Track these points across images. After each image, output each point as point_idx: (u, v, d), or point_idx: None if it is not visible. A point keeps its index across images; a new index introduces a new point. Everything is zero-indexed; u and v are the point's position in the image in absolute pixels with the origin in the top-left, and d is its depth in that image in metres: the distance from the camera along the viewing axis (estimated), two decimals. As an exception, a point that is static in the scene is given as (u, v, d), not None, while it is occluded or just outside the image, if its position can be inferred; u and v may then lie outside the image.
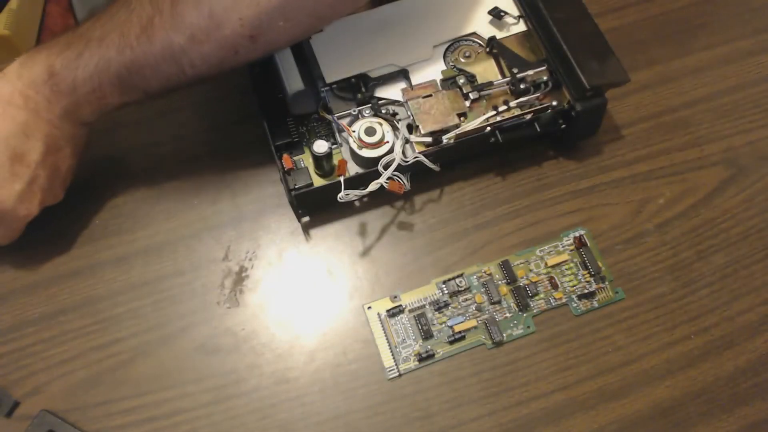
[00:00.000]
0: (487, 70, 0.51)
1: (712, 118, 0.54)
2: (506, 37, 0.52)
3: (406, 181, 0.47)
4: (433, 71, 0.51)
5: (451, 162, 0.50)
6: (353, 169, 0.49)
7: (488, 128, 0.48)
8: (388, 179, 0.45)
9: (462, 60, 0.51)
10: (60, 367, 0.45)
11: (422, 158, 0.47)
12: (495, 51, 0.51)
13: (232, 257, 0.49)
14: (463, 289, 0.47)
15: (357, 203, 0.51)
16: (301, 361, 0.46)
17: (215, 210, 0.50)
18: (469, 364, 0.45)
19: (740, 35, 0.57)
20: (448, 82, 0.50)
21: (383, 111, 0.49)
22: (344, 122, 0.49)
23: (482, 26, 0.52)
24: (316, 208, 0.49)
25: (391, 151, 0.47)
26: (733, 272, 0.48)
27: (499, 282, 0.48)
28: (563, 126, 0.49)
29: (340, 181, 0.45)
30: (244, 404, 0.44)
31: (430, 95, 0.49)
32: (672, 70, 0.56)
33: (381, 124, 0.48)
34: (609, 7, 0.58)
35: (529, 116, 0.48)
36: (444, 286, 0.47)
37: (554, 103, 0.49)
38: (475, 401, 0.44)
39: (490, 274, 0.48)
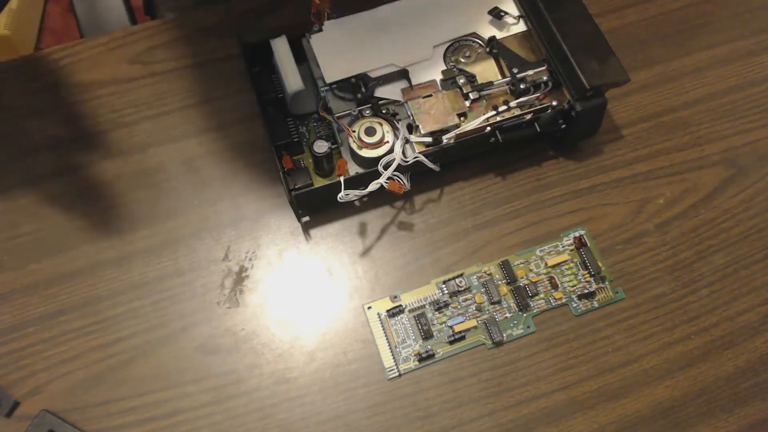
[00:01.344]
0: (487, 70, 0.51)
1: (712, 118, 0.54)
2: (506, 37, 0.51)
3: (406, 181, 0.47)
4: (433, 71, 0.50)
5: (451, 162, 0.50)
6: (353, 169, 0.49)
7: (488, 128, 0.48)
8: (388, 179, 0.45)
9: (462, 60, 0.51)
10: (60, 367, 0.45)
11: (422, 158, 0.47)
12: (495, 51, 0.51)
13: (232, 257, 0.49)
14: (463, 289, 0.47)
15: (357, 203, 0.51)
16: (301, 361, 0.46)
17: (215, 210, 0.50)
18: (469, 364, 0.45)
19: (740, 35, 0.57)
20: (448, 82, 0.50)
21: (383, 111, 0.49)
22: (344, 122, 0.49)
23: (482, 26, 0.52)
24: (316, 208, 0.49)
25: (391, 151, 0.47)
26: (733, 272, 0.48)
27: (499, 282, 0.48)
28: (563, 126, 0.49)
29: (340, 181, 0.45)
30: (244, 404, 0.44)
31: (430, 95, 0.49)
32: (672, 70, 0.56)
33: (381, 124, 0.48)
34: (609, 7, 0.58)
35: (529, 116, 0.48)
36: (444, 286, 0.47)
37: (554, 103, 0.49)
38: (475, 401, 0.44)
39: (490, 274, 0.48)
